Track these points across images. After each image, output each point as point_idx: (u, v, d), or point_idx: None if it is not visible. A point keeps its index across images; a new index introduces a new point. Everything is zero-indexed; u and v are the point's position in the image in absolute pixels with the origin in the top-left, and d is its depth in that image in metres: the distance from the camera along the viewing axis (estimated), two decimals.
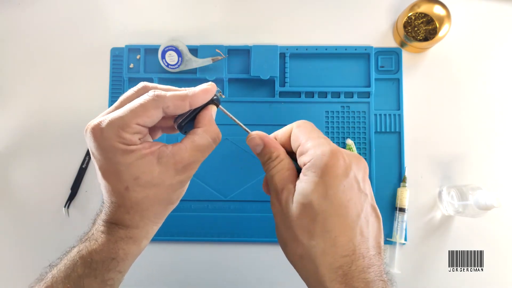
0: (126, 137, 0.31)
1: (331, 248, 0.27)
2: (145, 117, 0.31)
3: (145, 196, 0.32)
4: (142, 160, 0.31)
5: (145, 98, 0.32)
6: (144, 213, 0.33)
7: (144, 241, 0.34)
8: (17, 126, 0.70)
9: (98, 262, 0.31)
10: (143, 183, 0.31)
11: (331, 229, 0.27)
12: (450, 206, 0.64)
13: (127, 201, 0.32)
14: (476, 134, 0.68)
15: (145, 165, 0.31)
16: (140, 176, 0.31)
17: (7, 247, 0.68)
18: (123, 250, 0.32)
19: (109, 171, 0.31)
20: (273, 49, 0.69)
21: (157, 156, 0.32)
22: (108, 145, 0.31)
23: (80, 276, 0.31)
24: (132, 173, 0.31)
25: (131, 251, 0.33)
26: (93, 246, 0.32)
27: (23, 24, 0.72)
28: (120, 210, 0.32)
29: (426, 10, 0.67)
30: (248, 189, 0.67)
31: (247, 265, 0.67)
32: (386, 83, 0.69)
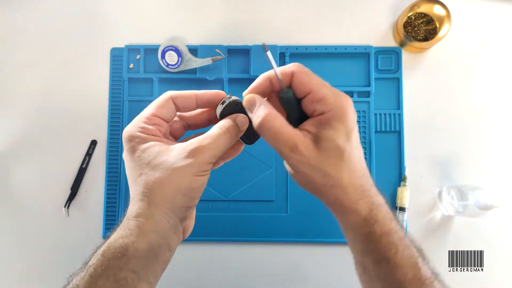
0: (145, 127, 0.35)
1: (353, 174, 0.35)
2: (160, 108, 0.36)
3: (155, 178, 0.33)
4: (157, 146, 0.34)
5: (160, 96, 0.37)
6: (152, 198, 0.33)
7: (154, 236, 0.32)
8: (17, 126, 0.70)
9: (110, 259, 0.31)
10: (153, 165, 0.33)
11: (352, 161, 0.34)
12: (450, 206, 0.64)
13: (139, 187, 0.33)
14: (476, 134, 0.68)
15: (158, 150, 0.34)
16: (152, 159, 0.33)
17: (7, 247, 0.68)
18: (132, 243, 0.31)
19: (130, 163, 0.35)
20: (273, 49, 0.69)
21: (172, 145, 0.35)
22: (131, 136, 0.35)
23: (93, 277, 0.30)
24: (146, 158, 0.34)
25: (140, 246, 0.31)
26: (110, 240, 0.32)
27: (23, 24, 0.72)
28: (134, 201, 0.34)
29: (426, 10, 0.67)
30: (248, 189, 0.67)
31: (247, 265, 0.67)
32: (386, 83, 0.69)
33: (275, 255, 0.67)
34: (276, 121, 0.34)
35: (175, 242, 0.35)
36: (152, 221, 0.33)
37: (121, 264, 0.30)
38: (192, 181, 0.34)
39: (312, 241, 0.66)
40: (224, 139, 0.35)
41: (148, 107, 0.37)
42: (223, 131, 0.36)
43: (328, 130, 0.34)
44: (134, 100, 0.70)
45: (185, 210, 0.35)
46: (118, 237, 0.32)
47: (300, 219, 0.67)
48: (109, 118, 0.69)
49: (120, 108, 0.70)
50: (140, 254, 0.31)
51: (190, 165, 0.33)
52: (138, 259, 0.31)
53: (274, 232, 0.67)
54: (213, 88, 0.73)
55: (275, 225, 0.67)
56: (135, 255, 0.31)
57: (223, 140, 0.35)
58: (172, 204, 0.33)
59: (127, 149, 0.35)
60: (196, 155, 0.34)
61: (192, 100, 0.37)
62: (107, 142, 0.69)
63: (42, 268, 0.67)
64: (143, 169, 0.34)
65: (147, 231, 0.32)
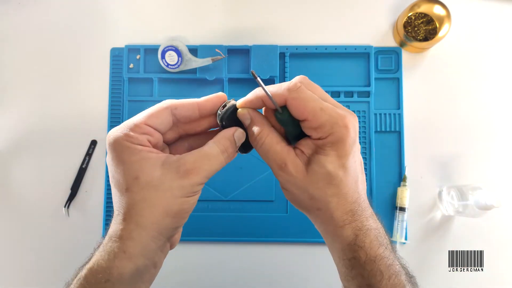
0: (133, 136, 0.31)
1: (343, 200, 0.33)
2: (153, 117, 0.33)
3: (142, 198, 0.30)
4: (146, 161, 0.31)
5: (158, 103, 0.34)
6: (140, 220, 0.30)
7: (141, 260, 0.30)
8: (17, 126, 0.70)
9: (92, 284, 0.29)
10: (142, 184, 0.30)
11: (343, 187, 0.33)
12: (450, 206, 0.64)
13: (125, 204, 0.31)
14: (476, 134, 0.68)
15: (147, 166, 0.31)
16: (140, 175, 0.30)
17: (7, 247, 0.68)
18: (117, 268, 0.29)
19: (115, 174, 0.31)
20: (273, 49, 0.69)
21: (163, 160, 0.31)
22: (117, 144, 0.31)
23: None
24: (133, 172, 0.30)
25: (125, 271, 0.30)
26: (91, 264, 0.30)
27: (23, 24, 0.72)
28: (119, 218, 0.31)
29: (426, 10, 0.67)
30: (248, 189, 0.67)
31: (247, 265, 0.67)
32: (386, 83, 0.69)
33: (275, 255, 0.67)
34: (268, 138, 0.34)
35: (162, 259, 0.34)
36: (139, 244, 0.30)
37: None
38: (182, 203, 0.32)
39: (312, 241, 0.66)
40: (222, 159, 0.33)
41: (140, 114, 0.33)
42: (221, 150, 0.33)
43: (321, 155, 0.33)
44: (134, 100, 0.70)
45: (173, 230, 0.33)
46: (101, 260, 0.30)
47: (300, 219, 0.67)
48: (109, 118, 0.69)
49: (120, 108, 0.70)
50: (125, 279, 0.30)
51: (182, 187, 0.31)
52: (123, 283, 0.30)
53: (274, 232, 0.67)
54: (213, 88, 0.73)
55: (275, 225, 0.67)
56: (120, 280, 0.29)
57: (221, 160, 0.33)
58: (161, 226, 0.31)
59: (112, 158, 0.32)
60: (189, 176, 0.31)
61: (194, 111, 0.34)
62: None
63: (42, 268, 0.67)
64: (130, 185, 0.30)
65: (134, 255, 0.30)
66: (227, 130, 0.35)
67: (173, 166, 0.31)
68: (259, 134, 0.34)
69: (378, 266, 0.33)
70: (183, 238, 0.66)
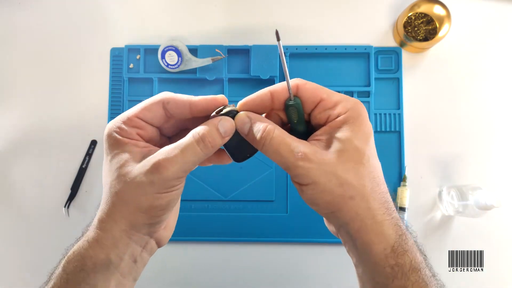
0: (123, 128, 0.31)
1: (376, 186, 0.30)
2: (145, 111, 0.32)
3: (116, 192, 0.30)
4: (129, 154, 0.30)
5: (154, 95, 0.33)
6: (112, 213, 0.30)
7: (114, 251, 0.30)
8: (17, 126, 0.70)
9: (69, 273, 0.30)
10: (118, 175, 0.30)
11: (373, 170, 0.30)
12: (450, 206, 0.64)
13: (104, 196, 0.31)
14: (476, 134, 0.68)
15: (127, 159, 0.30)
16: (119, 168, 0.30)
17: (7, 247, 0.68)
18: (90, 258, 0.30)
19: (104, 162, 0.32)
20: (273, 49, 0.69)
21: (145, 152, 0.31)
22: (108, 136, 0.32)
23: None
24: (114, 164, 0.31)
25: (98, 261, 0.29)
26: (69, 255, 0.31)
27: (23, 24, 0.72)
28: (100, 208, 0.31)
29: (426, 10, 0.67)
30: (248, 189, 0.67)
31: (247, 265, 0.67)
32: (386, 83, 0.69)
33: (275, 255, 0.67)
34: (276, 131, 0.31)
35: (144, 254, 0.34)
36: (110, 236, 0.30)
37: (79, 279, 0.29)
38: (154, 199, 0.30)
39: (312, 241, 0.66)
40: (196, 150, 0.30)
41: (134, 107, 0.33)
42: (195, 139, 0.30)
43: (344, 131, 0.30)
44: (134, 100, 0.70)
45: (149, 226, 0.31)
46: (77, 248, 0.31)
47: (300, 219, 0.66)
48: (109, 118, 0.69)
49: (120, 108, 0.70)
50: (99, 269, 0.30)
51: (151, 183, 0.29)
52: (96, 273, 0.29)
53: (274, 232, 0.67)
54: (213, 88, 0.73)
55: (275, 225, 0.67)
56: (93, 269, 0.29)
57: (196, 151, 0.30)
58: (132, 222, 0.30)
59: (104, 148, 0.32)
60: (159, 170, 0.29)
61: (185, 108, 0.32)
62: None
63: (42, 268, 0.67)
64: (112, 176, 0.30)
65: (106, 245, 0.30)
66: (212, 121, 0.31)
67: (150, 159, 0.30)
68: (266, 129, 0.30)
69: (422, 276, 0.29)
70: (183, 238, 0.67)
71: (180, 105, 0.32)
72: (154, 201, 0.30)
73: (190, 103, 0.32)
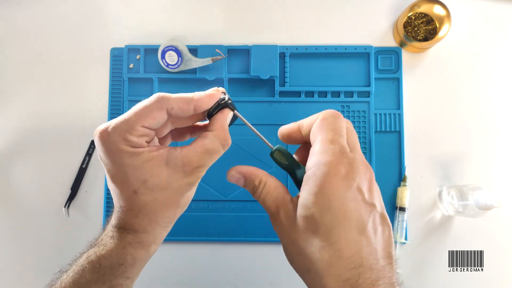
0: (132, 140, 0.31)
1: (337, 260, 0.27)
2: (150, 119, 0.31)
3: (153, 199, 0.31)
4: (150, 163, 0.31)
5: (149, 100, 0.32)
6: (153, 217, 0.32)
7: (153, 246, 0.34)
8: (17, 126, 0.70)
9: (106, 268, 0.31)
10: (151, 186, 0.31)
11: (335, 241, 0.27)
12: (450, 206, 0.64)
13: (135, 205, 0.32)
14: (476, 134, 0.68)
15: (153, 168, 0.31)
16: (148, 179, 0.31)
17: (7, 247, 0.68)
18: (131, 255, 0.32)
19: (117, 175, 0.31)
20: (273, 49, 0.69)
21: (165, 158, 0.31)
22: (115, 148, 0.30)
23: (88, 282, 0.31)
24: (140, 176, 0.31)
25: (140, 257, 0.33)
26: (101, 252, 0.32)
27: (23, 24, 0.72)
28: (129, 214, 0.32)
29: (426, 10, 0.67)
30: None
31: (247, 265, 0.67)
32: (386, 83, 0.69)
33: (275, 255, 0.67)
34: (266, 185, 0.33)
35: None
36: (152, 235, 0.33)
37: (117, 273, 0.32)
38: (189, 196, 0.34)
39: None
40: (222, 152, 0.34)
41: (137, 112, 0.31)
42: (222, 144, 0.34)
43: (305, 193, 0.29)
44: (134, 100, 0.70)
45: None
46: (112, 248, 0.32)
47: None
48: (109, 118, 0.69)
49: (120, 108, 0.70)
50: (138, 264, 0.33)
51: (189, 184, 0.32)
52: (135, 267, 0.33)
53: (274, 232, 0.66)
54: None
55: None
56: (133, 264, 0.32)
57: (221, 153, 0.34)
58: (172, 219, 0.34)
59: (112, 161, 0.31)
60: (195, 174, 0.32)
61: (189, 109, 0.33)
62: None
63: (42, 268, 0.67)
64: (138, 188, 0.31)
65: (147, 244, 0.33)
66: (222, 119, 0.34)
67: (178, 165, 0.31)
68: (260, 181, 0.34)
69: None
70: (183, 238, 0.67)
71: (184, 110, 0.32)
72: (189, 197, 0.34)
73: (194, 105, 0.33)
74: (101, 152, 0.31)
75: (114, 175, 0.32)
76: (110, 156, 0.31)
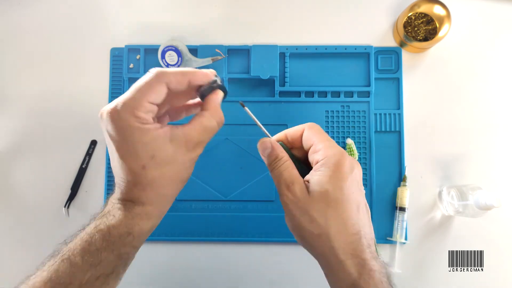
0: (141, 116, 0.33)
1: (343, 227, 0.34)
2: (153, 94, 0.33)
3: (161, 173, 0.34)
4: (157, 139, 0.33)
5: (149, 75, 0.34)
6: (160, 191, 0.35)
7: (158, 219, 0.36)
8: (17, 126, 0.70)
9: (116, 236, 0.33)
10: (159, 161, 0.33)
11: (342, 212, 0.34)
12: (450, 206, 0.64)
13: (144, 179, 0.34)
14: (476, 134, 0.68)
15: (160, 144, 0.33)
16: (156, 154, 0.33)
17: (7, 247, 0.68)
18: (138, 226, 0.34)
19: (127, 150, 0.33)
20: (273, 49, 0.69)
21: (169, 135, 0.34)
22: (126, 125, 0.32)
23: (98, 250, 0.33)
24: (148, 152, 0.33)
25: (146, 228, 0.35)
26: (111, 221, 0.34)
27: (23, 24, 0.72)
28: (137, 188, 0.34)
29: (426, 10, 0.67)
30: (248, 189, 0.67)
31: (247, 265, 0.67)
32: (386, 83, 0.69)
33: (275, 255, 0.67)
34: (288, 162, 0.38)
35: None
36: (157, 208, 0.35)
37: (126, 241, 0.34)
38: (190, 172, 0.37)
39: None
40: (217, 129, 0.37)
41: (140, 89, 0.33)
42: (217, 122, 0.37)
43: (319, 175, 0.35)
44: None
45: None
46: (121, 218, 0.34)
47: None
48: None
49: None
50: (143, 234, 0.35)
51: (192, 159, 0.36)
52: (141, 237, 0.35)
53: (274, 232, 0.67)
54: None
55: (275, 225, 0.67)
56: (140, 234, 0.35)
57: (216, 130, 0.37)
58: (176, 192, 0.37)
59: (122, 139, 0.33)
60: (196, 149, 0.35)
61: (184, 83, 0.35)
62: None
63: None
64: (147, 163, 0.33)
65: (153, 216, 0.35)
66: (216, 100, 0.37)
67: (181, 141, 0.34)
68: (283, 157, 0.37)
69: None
70: (183, 238, 0.67)
71: (181, 82, 0.35)
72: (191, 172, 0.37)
73: (189, 79, 0.35)
74: (111, 130, 0.33)
75: (124, 151, 0.33)
76: (121, 133, 0.33)
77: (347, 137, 0.68)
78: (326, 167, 0.35)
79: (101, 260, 0.32)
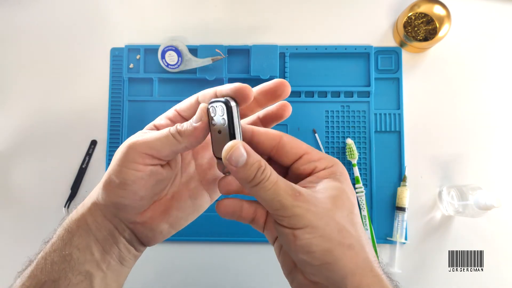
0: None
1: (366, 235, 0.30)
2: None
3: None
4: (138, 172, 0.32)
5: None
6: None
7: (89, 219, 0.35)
8: (17, 126, 0.70)
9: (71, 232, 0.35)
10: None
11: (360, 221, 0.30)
12: (450, 206, 0.64)
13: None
14: (476, 134, 0.68)
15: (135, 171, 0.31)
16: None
17: (7, 247, 0.68)
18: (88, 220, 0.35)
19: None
20: (273, 49, 0.69)
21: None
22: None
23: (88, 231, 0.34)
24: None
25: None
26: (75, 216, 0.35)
27: (23, 24, 0.72)
28: None
29: (426, 10, 0.67)
30: None
31: (247, 265, 0.67)
32: (386, 83, 0.69)
33: (274, 255, 0.67)
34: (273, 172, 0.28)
35: (123, 242, 0.37)
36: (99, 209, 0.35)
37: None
38: (125, 174, 0.31)
39: None
40: (169, 138, 0.31)
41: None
42: (171, 133, 0.31)
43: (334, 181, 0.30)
44: (134, 100, 0.70)
45: (114, 205, 0.33)
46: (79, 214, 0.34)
47: None
48: (109, 118, 0.69)
49: (120, 108, 0.69)
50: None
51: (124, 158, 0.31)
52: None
53: None
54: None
55: None
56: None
57: (165, 138, 0.31)
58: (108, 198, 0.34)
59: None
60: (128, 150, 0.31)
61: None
62: (107, 142, 0.69)
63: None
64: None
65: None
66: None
67: None
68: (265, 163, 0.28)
69: None
70: (183, 238, 0.67)
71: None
72: (120, 175, 0.31)
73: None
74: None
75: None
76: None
77: (347, 137, 0.68)
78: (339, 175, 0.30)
79: None
